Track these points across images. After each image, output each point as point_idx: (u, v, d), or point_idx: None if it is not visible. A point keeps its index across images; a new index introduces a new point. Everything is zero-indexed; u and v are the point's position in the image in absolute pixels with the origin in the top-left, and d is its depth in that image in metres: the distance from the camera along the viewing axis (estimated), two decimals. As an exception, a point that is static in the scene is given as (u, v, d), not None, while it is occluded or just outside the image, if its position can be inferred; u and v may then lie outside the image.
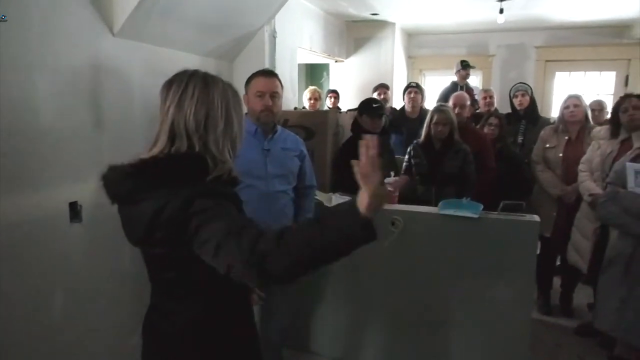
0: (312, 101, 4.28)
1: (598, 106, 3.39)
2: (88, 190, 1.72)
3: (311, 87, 4.45)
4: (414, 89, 4.01)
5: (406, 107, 4.03)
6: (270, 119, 2.11)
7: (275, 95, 2.10)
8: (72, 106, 1.69)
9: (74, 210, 1.66)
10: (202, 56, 2.51)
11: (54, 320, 1.65)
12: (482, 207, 2.33)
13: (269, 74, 2.13)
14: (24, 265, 1.53)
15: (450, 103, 3.30)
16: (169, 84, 1.14)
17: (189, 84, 1.12)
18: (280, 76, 2.58)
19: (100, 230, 1.80)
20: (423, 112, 4.06)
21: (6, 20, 1.27)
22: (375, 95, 4.26)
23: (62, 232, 1.65)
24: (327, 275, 2.65)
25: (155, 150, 1.09)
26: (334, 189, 2.70)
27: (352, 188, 2.69)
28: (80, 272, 1.75)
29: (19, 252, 1.51)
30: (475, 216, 2.30)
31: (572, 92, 3.23)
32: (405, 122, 3.91)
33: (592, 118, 3.19)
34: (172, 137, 1.09)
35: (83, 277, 1.75)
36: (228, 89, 1.17)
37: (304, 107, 4.23)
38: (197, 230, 1.01)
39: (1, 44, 1.41)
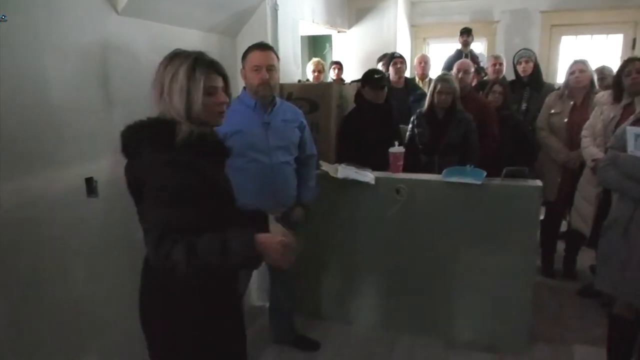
0: (315, 73, 4.27)
1: (600, 74, 3.35)
2: (103, 166, 1.78)
3: (314, 59, 4.43)
4: (399, 59, 3.98)
5: (392, 77, 3.99)
6: (268, 92, 2.12)
7: (271, 68, 2.10)
8: (82, 84, 1.74)
9: (90, 185, 1.73)
10: (205, 32, 2.52)
11: (74, 292, 1.74)
12: (485, 174, 2.38)
13: (265, 47, 2.13)
14: (44, 240, 1.60)
15: (454, 69, 3.30)
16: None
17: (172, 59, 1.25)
18: (282, 49, 2.59)
19: (116, 204, 1.87)
20: (408, 81, 4.05)
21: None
22: (379, 66, 4.24)
23: (79, 207, 1.72)
24: (332, 244, 2.73)
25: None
26: (339, 160, 2.74)
27: (356, 158, 2.78)
28: (98, 244, 1.82)
29: (39, 228, 1.58)
30: (479, 183, 2.35)
31: (578, 57, 3.21)
32: (391, 93, 3.90)
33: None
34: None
35: (100, 249, 1.83)
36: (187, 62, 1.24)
37: (307, 80, 4.23)
38: (145, 201, 1.20)
39: (12, 27, 1.45)
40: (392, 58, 4.04)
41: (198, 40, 2.45)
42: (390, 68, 3.98)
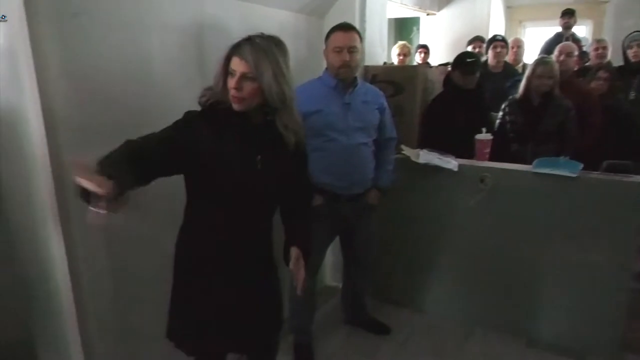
0: (401, 57, 4.18)
1: None
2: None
3: (400, 42, 4.34)
4: (500, 43, 3.76)
5: (490, 61, 3.79)
6: (348, 75, 2.11)
7: (353, 49, 2.08)
8: (182, 62, 1.85)
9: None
10: (294, 12, 2.56)
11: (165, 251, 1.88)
12: (581, 166, 2.20)
13: (347, 27, 2.11)
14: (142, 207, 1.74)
15: (556, 52, 3.07)
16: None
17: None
18: (369, 31, 2.54)
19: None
20: (507, 66, 3.81)
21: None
22: (470, 49, 4.06)
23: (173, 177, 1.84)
24: (410, 230, 2.69)
25: None
26: (421, 145, 2.68)
27: (440, 144, 2.71)
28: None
29: (137, 196, 1.72)
30: (573, 175, 2.18)
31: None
32: (488, 77, 3.70)
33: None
34: None
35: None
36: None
37: (392, 63, 4.16)
38: None
39: (119, 8, 1.57)
40: (492, 41, 3.85)
41: (287, 20, 2.50)
42: (490, 51, 3.80)
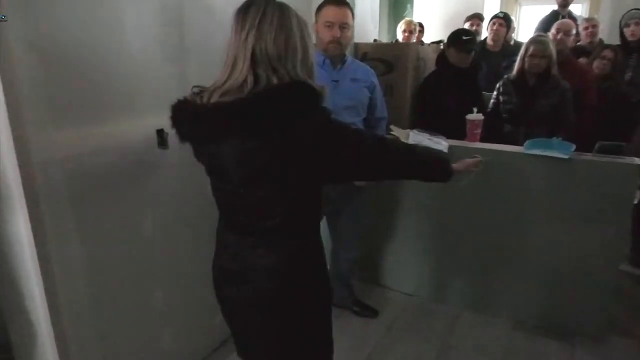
0: (406, 34, 4.01)
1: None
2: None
3: (407, 19, 4.20)
4: (499, 20, 3.67)
5: (488, 39, 3.71)
6: (338, 51, 2.05)
7: (345, 26, 2.01)
8: (160, 36, 1.75)
9: (161, 136, 1.76)
10: (281, -14, 2.45)
11: (145, 234, 1.82)
12: (574, 147, 2.15)
13: (340, 2, 2.03)
14: (120, 184, 1.68)
15: (553, 30, 2.98)
16: (246, 9, 1.10)
17: (267, 10, 1.08)
18: (360, 6, 2.45)
19: (185, 157, 1.91)
20: (506, 46, 3.73)
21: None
22: (467, 26, 3.96)
23: (151, 156, 1.77)
24: (397, 210, 2.65)
25: (239, 78, 1.07)
26: (412, 125, 2.61)
27: (432, 125, 2.65)
28: (166, 196, 1.88)
29: (116, 172, 1.65)
30: (565, 157, 2.13)
31: None
32: (486, 55, 3.61)
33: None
34: (253, 65, 1.07)
35: (168, 202, 1.89)
36: (300, 18, 1.14)
37: (396, 40, 4.05)
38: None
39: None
40: (493, 18, 3.76)
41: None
42: (488, 28, 3.71)
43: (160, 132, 1.76)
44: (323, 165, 1.12)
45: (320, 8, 2.05)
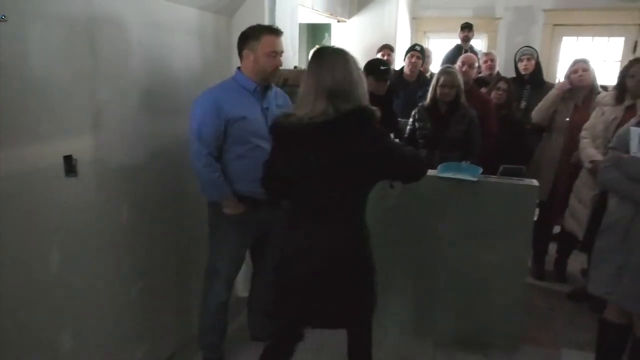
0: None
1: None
2: (83, 144, 1.69)
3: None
4: (416, 53, 3.92)
5: (405, 69, 3.94)
6: (277, 80, 2.12)
7: (281, 54, 2.07)
8: (67, 58, 1.64)
9: (69, 163, 1.64)
10: (200, 9, 2.42)
11: (51, 271, 1.66)
12: (481, 170, 2.32)
13: (279, 32, 2.07)
14: (20, 216, 1.52)
15: (459, 63, 3.23)
16: (319, 55, 1.55)
17: (337, 56, 1.53)
18: (280, 34, 2.46)
19: (96, 185, 1.79)
20: (421, 76, 3.98)
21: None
22: (379, 56, 4.16)
23: (57, 185, 1.63)
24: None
25: (320, 107, 1.45)
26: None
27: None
28: (75, 225, 1.73)
29: (16, 204, 1.50)
30: (474, 179, 2.29)
31: (579, 57, 3.16)
32: (403, 85, 3.84)
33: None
34: (329, 96, 1.45)
35: (76, 231, 1.74)
36: (355, 59, 1.55)
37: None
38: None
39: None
40: (410, 50, 3.99)
41: (192, 17, 2.36)
42: (406, 60, 3.92)
43: (67, 159, 1.63)
44: (379, 167, 1.52)
45: (257, 37, 2.01)
